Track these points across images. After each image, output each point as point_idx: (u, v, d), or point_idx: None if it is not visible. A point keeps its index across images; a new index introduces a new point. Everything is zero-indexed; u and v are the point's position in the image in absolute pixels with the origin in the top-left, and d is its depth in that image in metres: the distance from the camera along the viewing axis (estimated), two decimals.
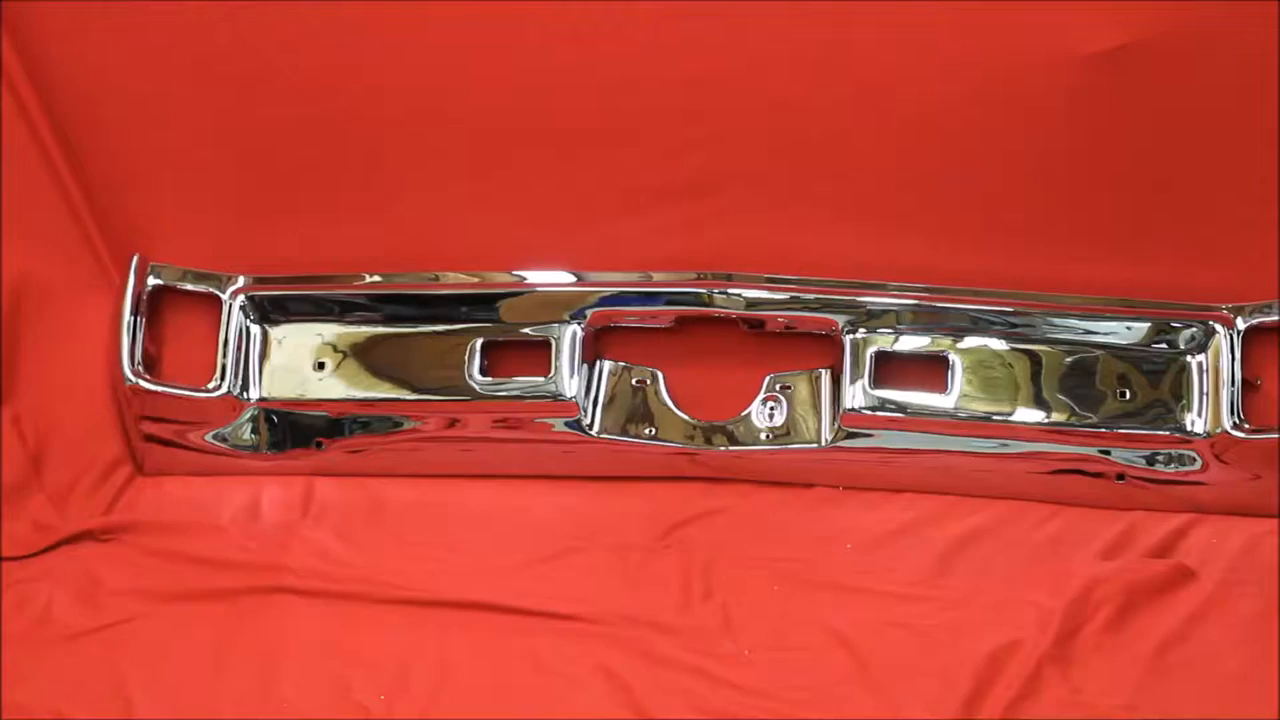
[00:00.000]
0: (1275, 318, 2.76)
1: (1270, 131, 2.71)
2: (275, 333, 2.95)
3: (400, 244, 2.91)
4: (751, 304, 2.84)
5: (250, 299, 2.93)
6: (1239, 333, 2.76)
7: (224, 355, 2.92)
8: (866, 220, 2.83)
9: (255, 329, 2.94)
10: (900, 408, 2.82)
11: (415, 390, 2.91)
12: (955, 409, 2.81)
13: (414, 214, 2.91)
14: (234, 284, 2.93)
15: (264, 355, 2.94)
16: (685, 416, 2.89)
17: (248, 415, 2.94)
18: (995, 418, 2.80)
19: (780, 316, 2.85)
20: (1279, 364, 2.79)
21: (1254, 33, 2.67)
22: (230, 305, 2.93)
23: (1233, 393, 2.74)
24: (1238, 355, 2.75)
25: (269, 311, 2.94)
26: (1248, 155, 2.73)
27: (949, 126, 2.77)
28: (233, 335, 2.92)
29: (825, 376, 2.87)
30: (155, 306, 2.94)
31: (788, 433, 2.87)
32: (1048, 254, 2.82)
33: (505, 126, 2.85)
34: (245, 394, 2.92)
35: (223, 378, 2.91)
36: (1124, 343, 2.81)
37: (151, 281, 2.93)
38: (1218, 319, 2.77)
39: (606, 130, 2.84)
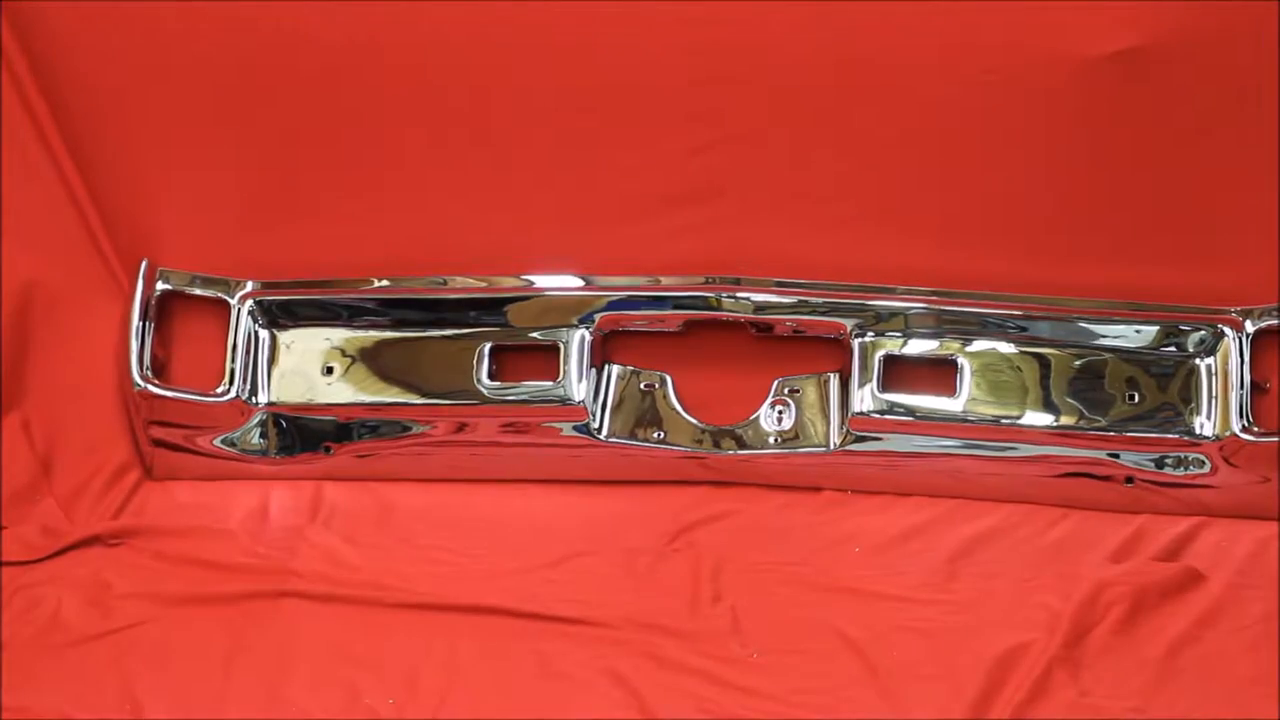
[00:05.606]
0: None
1: (1276, 134, 2.72)
2: (284, 337, 2.95)
3: (407, 248, 2.92)
4: (759, 308, 2.84)
5: (259, 303, 2.93)
6: (1248, 336, 2.76)
7: (232, 360, 2.92)
8: (873, 223, 2.83)
9: (264, 333, 2.94)
10: (909, 411, 2.82)
11: (423, 394, 2.91)
12: (964, 412, 2.81)
13: (421, 217, 2.91)
14: (242, 289, 2.93)
15: (272, 360, 2.94)
16: (694, 420, 2.89)
17: (256, 420, 2.93)
18: (1004, 421, 2.80)
19: (788, 320, 2.85)
20: None
21: (1262, 35, 2.67)
22: (239, 310, 2.93)
23: (1241, 395, 2.74)
24: (1246, 358, 2.75)
25: (277, 316, 2.94)
26: (1255, 158, 2.74)
27: (956, 128, 2.77)
28: (241, 340, 2.92)
29: (834, 380, 2.87)
30: (164, 311, 2.94)
31: (796, 436, 2.86)
32: (1055, 256, 2.82)
33: (511, 130, 2.86)
34: (254, 398, 2.92)
35: (231, 382, 2.91)
36: (1132, 346, 2.81)
37: (160, 286, 2.93)
38: (1227, 322, 2.77)
39: (612, 134, 2.84)
